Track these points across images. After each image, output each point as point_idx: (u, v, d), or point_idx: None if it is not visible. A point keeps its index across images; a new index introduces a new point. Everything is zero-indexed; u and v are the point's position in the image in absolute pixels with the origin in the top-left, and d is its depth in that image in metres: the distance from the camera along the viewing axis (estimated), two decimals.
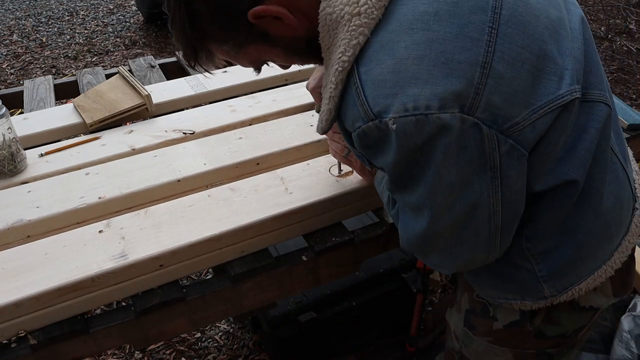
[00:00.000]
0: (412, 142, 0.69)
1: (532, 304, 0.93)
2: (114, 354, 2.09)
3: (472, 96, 0.66)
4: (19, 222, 1.12)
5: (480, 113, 0.67)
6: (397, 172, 0.76)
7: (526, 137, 0.72)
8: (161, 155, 1.32)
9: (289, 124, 1.43)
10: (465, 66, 0.66)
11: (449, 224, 0.78)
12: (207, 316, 1.11)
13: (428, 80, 0.66)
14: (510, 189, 0.76)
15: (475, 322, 1.05)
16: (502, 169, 0.73)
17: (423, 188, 0.75)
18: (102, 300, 1.03)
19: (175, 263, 1.06)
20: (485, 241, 0.80)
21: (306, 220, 1.16)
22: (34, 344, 0.97)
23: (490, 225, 0.78)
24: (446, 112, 0.66)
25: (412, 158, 0.71)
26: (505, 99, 0.68)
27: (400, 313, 1.91)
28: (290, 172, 1.25)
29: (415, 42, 0.67)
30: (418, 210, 0.79)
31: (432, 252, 0.85)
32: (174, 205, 1.16)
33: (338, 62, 0.72)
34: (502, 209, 0.77)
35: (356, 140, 0.75)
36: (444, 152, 0.69)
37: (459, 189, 0.74)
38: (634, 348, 1.72)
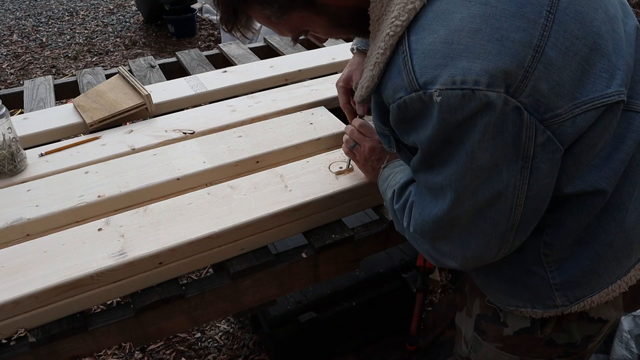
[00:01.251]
0: (454, 118, 0.67)
1: (543, 312, 0.92)
2: (114, 354, 2.09)
3: (520, 78, 0.65)
4: (19, 221, 1.12)
5: (524, 97, 0.66)
6: (430, 149, 0.73)
7: (565, 131, 0.70)
8: (160, 153, 1.32)
9: (288, 122, 1.44)
10: (519, 46, 0.64)
11: (469, 210, 0.76)
12: (207, 314, 1.11)
13: (480, 55, 0.64)
14: (538, 183, 0.74)
15: (485, 328, 1.04)
16: (534, 160, 0.71)
17: (453, 167, 0.72)
18: (102, 298, 1.03)
19: (174, 261, 1.06)
20: (500, 235, 0.78)
21: (306, 218, 1.16)
22: (33, 342, 0.97)
23: (509, 218, 0.76)
24: (493, 91, 0.64)
25: (450, 134, 0.69)
26: (552, 87, 0.67)
27: (400, 313, 1.91)
28: (290, 170, 1.25)
29: (472, 14, 0.65)
30: (441, 191, 0.76)
31: (444, 239, 0.82)
32: (174, 203, 1.16)
33: (390, 27, 0.70)
34: (525, 204, 0.75)
35: (394, 112, 0.73)
36: (482, 132, 0.67)
37: (487, 174, 0.72)
38: (634, 348, 1.72)
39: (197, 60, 2.03)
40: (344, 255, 1.20)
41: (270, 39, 2.22)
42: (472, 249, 0.81)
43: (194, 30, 5.33)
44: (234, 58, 2.02)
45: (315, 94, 1.60)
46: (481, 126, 0.67)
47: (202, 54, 2.10)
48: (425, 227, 0.82)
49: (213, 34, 5.32)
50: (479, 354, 1.08)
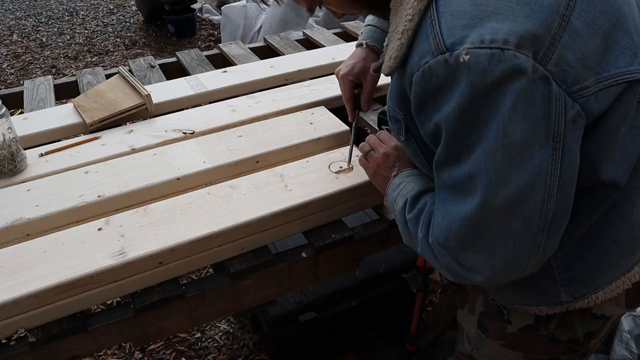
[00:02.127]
0: (483, 81, 0.64)
1: (548, 309, 0.92)
2: (114, 354, 2.09)
3: (547, 44, 0.64)
4: (19, 221, 1.12)
5: (551, 66, 0.65)
6: (457, 127, 0.69)
7: (590, 107, 0.69)
8: (160, 153, 1.32)
9: (288, 122, 1.44)
10: (547, 11, 0.65)
11: (501, 205, 0.70)
12: (207, 313, 1.11)
13: (509, 16, 0.64)
14: (569, 167, 0.70)
15: (488, 325, 1.04)
16: (566, 139, 0.68)
17: (484, 146, 0.68)
18: (101, 298, 1.03)
19: (174, 260, 1.06)
20: (532, 238, 0.73)
21: (306, 218, 1.16)
22: (32, 341, 0.97)
23: (541, 214, 0.71)
24: (522, 52, 0.63)
25: (479, 104, 0.66)
26: (578, 57, 0.66)
27: (400, 313, 1.91)
28: (290, 169, 1.25)
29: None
30: (469, 183, 0.71)
31: (471, 247, 0.75)
32: (173, 202, 1.16)
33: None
34: (557, 194, 0.70)
35: (418, 82, 0.70)
36: (513, 100, 0.64)
37: (520, 157, 0.67)
38: (634, 348, 1.72)
39: (197, 60, 2.03)
40: (344, 255, 1.20)
41: (270, 39, 2.22)
42: (502, 257, 0.75)
43: (194, 30, 5.33)
44: (234, 58, 2.02)
45: (315, 94, 1.60)
46: (512, 93, 0.64)
47: (202, 54, 2.10)
48: (451, 232, 0.76)
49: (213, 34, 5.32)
50: (482, 351, 1.08)
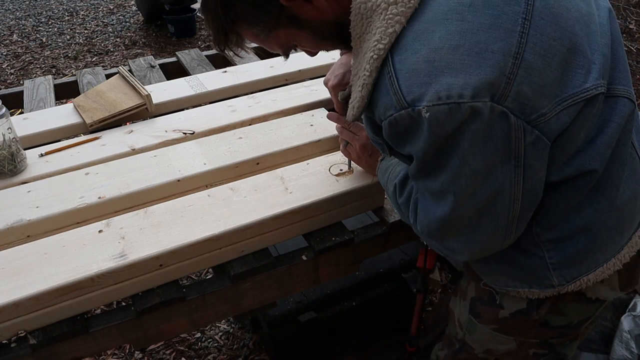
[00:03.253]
0: (443, 130, 0.70)
1: (540, 292, 0.94)
2: (114, 354, 2.09)
3: (503, 86, 0.67)
4: (19, 222, 1.12)
5: (509, 102, 0.68)
6: (424, 159, 0.77)
7: (551, 128, 0.73)
8: (161, 155, 1.32)
9: (288, 123, 1.43)
10: (498, 56, 0.67)
11: (470, 210, 0.79)
12: (207, 316, 1.11)
13: (462, 69, 0.67)
14: (532, 179, 0.77)
15: (481, 310, 1.06)
16: (526, 158, 0.74)
17: (448, 173, 0.76)
18: (102, 300, 1.03)
19: (175, 263, 1.06)
20: (503, 229, 0.82)
21: (306, 220, 1.16)
22: (33, 343, 0.97)
23: (509, 213, 0.80)
24: (478, 101, 0.67)
25: (441, 145, 0.73)
26: (535, 89, 0.69)
27: (400, 313, 1.91)
28: (290, 172, 1.25)
29: (450, 32, 0.68)
30: (441, 195, 0.80)
31: (450, 237, 0.86)
32: (174, 205, 1.16)
33: (373, 50, 0.73)
34: (522, 198, 0.79)
35: (386, 128, 0.76)
36: (471, 139, 0.71)
37: (483, 177, 0.75)
38: (634, 348, 1.72)
39: (197, 60, 2.03)
40: (344, 257, 1.20)
41: None
42: (477, 243, 0.85)
43: (194, 30, 5.33)
44: (234, 58, 2.02)
45: (315, 94, 1.60)
46: (469, 134, 0.70)
47: (202, 54, 2.10)
48: (431, 227, 0.86)
49: None
50: (474, 336, 1.10)
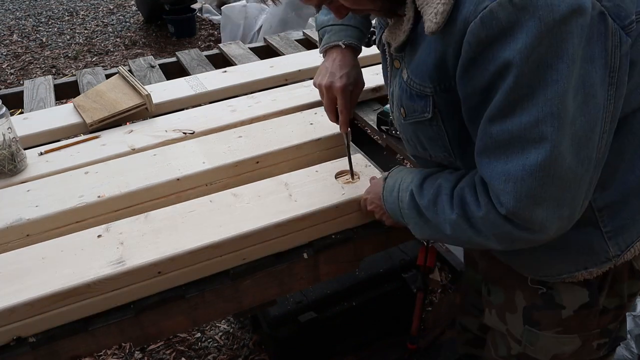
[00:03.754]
0: (551, 16, 0.63)
1: (597, 270, 0.91)
2: (114, 354, 2.08)
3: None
4: (19, 221, 1.12)
5: (606, 1, 0.66)
6: (521, 71, 0.67)
7: (634, 40, 0.70)
8: (160, 154, 1.32)
9: (288, 122, 1.43)
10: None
11: (568, 148, 0.69)
12: (207, 314, 1.11)
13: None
14: (620, 100, 0.72)
15: (539, 318, 1.01)
16: (620, 73, 0.69)
17: (551, 90, 0.66)
18: (99, 306, 1.01)
19: (174, 270, 1.04)
20: (589, 179, 0.74)
21: (310, 228, 1.14)
22: (32, 342, 0.97)
23: (596, 152, 0.72)
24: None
25: (545, 44, 0.65)
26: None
27: (400, 313, 1.91)
28: (295, 178, 1.22)
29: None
30: (533, 131, 0.69)
31: (544, 201, 0.73)
32: (175, 210, 1.14)
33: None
34: (609, 129, 0.72)
35: (474, 31, 0.68)
36: (579, 36, 0.64)
37: (585, 97, 0.68)
38: (634, 348, 1.72)
39: (197, 60, 2.03)
40: (344, 255, 1.20)
41: (270, 39, 2.22)
42: (568, 204, 0.74)
43: (194, 30, 5.33)
44: (234, 58, 2.02)
45: (315, 94, 1.58)
46: (577, 29, 0.64)
47: (202, 54, 2.10)
48: (522, 192, 0.72)
49: (213, 34, 5.31)
50: (537, 346, 1.04)
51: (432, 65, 0.79)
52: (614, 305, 0.98)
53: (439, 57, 0.77)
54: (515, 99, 0.69)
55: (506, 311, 1.07)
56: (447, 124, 0.85)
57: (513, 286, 1.04)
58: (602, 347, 1.04)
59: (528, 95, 0.68)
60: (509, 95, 0.69)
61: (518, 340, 1.07)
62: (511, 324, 1.07)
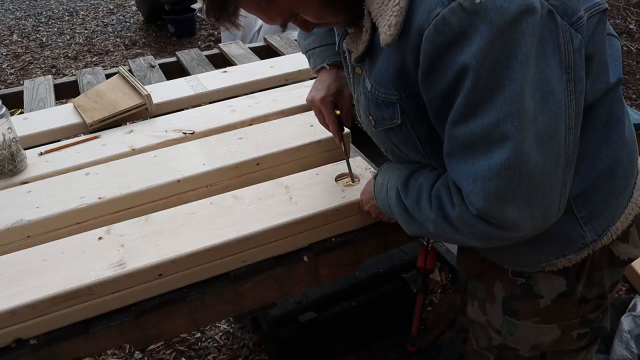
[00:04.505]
0: (502, 18, 0.65)
1: (576, 256, 0.93)
2: (114, 354, 2.09)
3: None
4: (19, 223, 1.12)
5: (553, 0, 0.68)
6: (478, 74, 0.68)
7: (584, 36, 0.72)
8: (161, 155, 1.32)
9: (289, 124, 1.43)
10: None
11: (532, 146, 0.70)
12: (207, 316, 1.11)
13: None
14: (581, 95, 0.74)
15: (518, 307, 1.03)
16: (576, 69, 0.71)
17: (509, 91, 0.68)
18: (99, 308, 1.01)
19: (174, 272, 1.04)
20: (561, 176, 0.75)
21: (310, 231, 1.14)
22: (34, 344, 0.97)
23: (565, 147, 0.74)
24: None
25: (499, 46, 0.66)
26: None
27: (400, 313, 1.91)
28: (296, 180, 1.22)
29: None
30: (495, 132, 0.70)
31: (513, 201, 0.74)
32: (176, 212, 1.14)
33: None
34: (575, 126, 0.74)
35: (429, 38, 0.69)
36: (531, 35, 0.66)
37: (542, 94, 0.70)
38: (634, 348, 1.72)
39: (197, 60, 2.03)
40: (344, 258, 1.20)
41: (270, 39, 2.22)
42: (540, 204, 0.75)
43: (194, 30, 5.32)
44: (234, 58, 2.02)
45: None
46: (529, 28, 0.66)
47: (202, 54, 2.10)
48: (490, 192, 0.73)
49: (213, 34, 5.31)
50: (516, 336, 1.05)
51: (394, 73, 0.80)
52: (594, 294, 0.99)
53: (399, 66, 0.79)
54: (474, 101, 0.70)
55: (486, 302, 1.09)
56: (417, 128, 0.87)
57: (493, 278, 1.06)
58: (582, 337, 1.05)
59: (487, 96, 0.69)
60: (468, 99, 0.71)
61: (498, 330, 1.09)
62: (491, 314, 1.09)
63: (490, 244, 0.84)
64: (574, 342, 1.05)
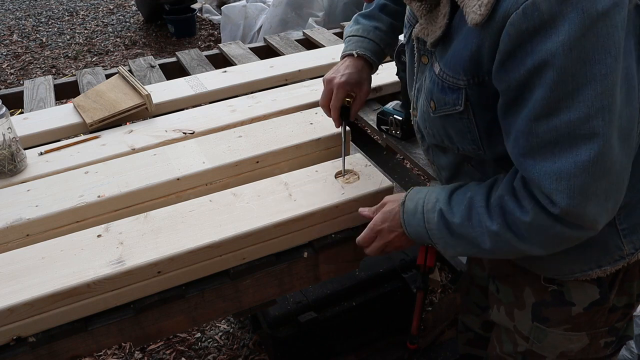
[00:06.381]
0: (594, 8, 0.63)
1: (611, 268, 0.91)
2: (114, 354, 2.09)
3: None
4: (19, 221, 1.12)
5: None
6: (565, 65, 0.66)
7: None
8: (160, 153, 1.32)
9: (288, 122, 1.43)
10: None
11: (619, 140, 0.69)
12: (207, 313, 1.11)
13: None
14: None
15: (548, 314, 1.01)
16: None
17: (600, 84, 0.66)
18: (98, 306, 1.01)
19: (173, 270, 1.04)
20: (627, 168, 0.74)
21: (310, 228, 1.14)
22: (32, 342, 0.97)
23: (636, 141, 0.73)
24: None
25: (589, 37, 0.64)
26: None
27: (400, 313, 1.91)
28: (295, 178, 1.22)
29: None
30: (583, 127, 0.68)
31: (595, 196, 0.72)
32: (175, 210, 1.14)
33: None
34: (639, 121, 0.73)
35: (515, 22, 0.67)
36: (622, 28, 0.65)
37: (629, 88, 0.69)
38: (634, 348, 1.72)
39: (197, 60, 2.03)
40: (344, 254, 1.20)
41: (270, 39, 2.22)
42: (613, 196, 0.74)
43: (194, 30, 5.33)
44: (234, 58, 2.02)
45: (315, 94, 1.59)
46: (621, 21, 0.64)
47: (202, 54, 2.10)
48: (576, 189, 0.71)
49: (213, 34, 5.32)
50: (545, 343, 1.04)
51: (468, 57, 0.79)
52: (623, 303, 0.99)
53: (475, 50, 0.77)
54: (560, 95, 0.68)
55: (514, 308, 1.07)
56: (478, 117, 0.85)
57: (522, 283, 1.04)
58: (609, 346, 1.04)
59: (575, 90, 0.67)
60: (552, 92, 0.69)
61: (525, 337, 1.07)
62: (519, 320, 1.07)
63: (557, 249, 0.82)
64: (601, 350, 1.04)
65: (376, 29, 1.23)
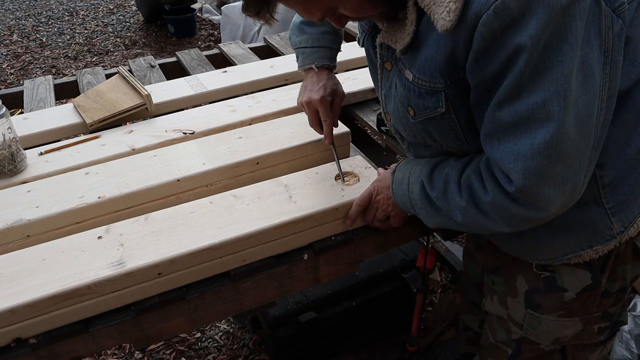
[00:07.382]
0: (559, 3, 0.67)
1: (602, 248, 0.93)
2: (114, 354, 2.09)
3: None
4: (19, 222, 1.12)
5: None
6: (532, 55, 0.70)
7: (625, 21, 0.74)
8: (161, 154, 1.32)
9: (288, 123, 1.43)
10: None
11: (572, 125, 0.73)
12: (207, 315, 1.11)
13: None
14: (615, 79, 0.76)
15: (541, 301, 1.03)
16: (613, 53, 0.74)
17: (558, 72, 0.70)
18: (99, 308, 1.01)
19: (174, 271, 1.04)
20: (589, 155, 0.78)
21: (310, 230, 1.14)
22: (33, 343, 0.97)
23: (595, 128, 0.76)
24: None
25: (553, 29, 0.69)
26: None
27: (400, 313, 1.91)
28: (295, 179, 1.22)
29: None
30: (540, 112, 0.72)
31: (551, 179, 0.77)
32: (175, 211, 1.14)
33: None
34: (606, 106, 0.77)
35: (487, 22, 0.71)
36: (582, 19, 0.69)
37: (585, 76, 0.72)
38: (634, 348, 1.72)
39: (197, 60, 2.03)
40: (344, 256, 1.20)
41: (270, 39, 2.22)
42: (570, 180, 0.78)
43: (194, 30, 5.33)
44: (234, 58, 2.02)
45: None
46: (580, 12, 0.68)
47: (202, 54, 2.10)
48: (531, 170, 0.76)
49: (213, 34, 5.31)
50: (539, 330, 1.06)
51: (443, 61, 0.81)
52: (616, 288, 1.00)
53: (450, 53, 0.79)
54: (523, 82, 0.73)
55: (507, 296, 1.08)
56: (459, 114, 0.87)
57: (515, 272, 1.05)
58: (603, 331, 1.05)
59: (534, 77, 0.72)
60: (518, 79, 0.73)
61: (519, 324, 1.08)
62: (512, 308, 1.08)
63: (518, 228, 0.86)
64: (595, 336, 1.05)
65: (325, 34, 1.25)
